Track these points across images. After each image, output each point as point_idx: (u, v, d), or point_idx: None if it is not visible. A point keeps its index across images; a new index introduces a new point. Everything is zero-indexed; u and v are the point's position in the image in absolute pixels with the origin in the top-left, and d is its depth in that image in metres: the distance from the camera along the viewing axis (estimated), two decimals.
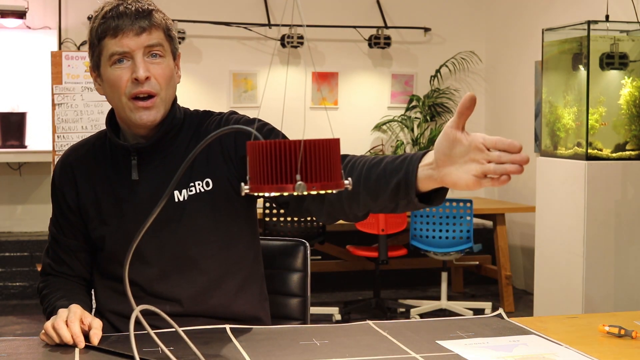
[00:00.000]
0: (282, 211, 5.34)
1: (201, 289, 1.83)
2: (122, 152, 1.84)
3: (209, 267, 1.83)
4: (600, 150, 4.57)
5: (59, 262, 1.93)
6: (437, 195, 1.50)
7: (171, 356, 1.44)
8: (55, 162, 1.97)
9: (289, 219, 5.42)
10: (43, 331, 1.66)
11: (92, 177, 1.87)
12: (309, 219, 5.38)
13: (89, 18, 1.88)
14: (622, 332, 1.70)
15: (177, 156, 1.82)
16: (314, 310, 5.43)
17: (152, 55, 1.77)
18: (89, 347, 1.61)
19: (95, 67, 1.81)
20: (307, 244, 2.15)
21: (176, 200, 1.80)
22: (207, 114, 1.91)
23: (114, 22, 1.74)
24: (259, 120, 1.43)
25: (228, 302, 1.85)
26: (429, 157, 1.46)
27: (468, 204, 5.38)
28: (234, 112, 1.89)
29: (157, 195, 1.79)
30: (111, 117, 1.88)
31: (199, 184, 1.81)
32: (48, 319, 1.72)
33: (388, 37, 6.91)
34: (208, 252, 1.82)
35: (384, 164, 1.54)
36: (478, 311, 5.61)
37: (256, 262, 1.93)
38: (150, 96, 1.76)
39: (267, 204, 5.32)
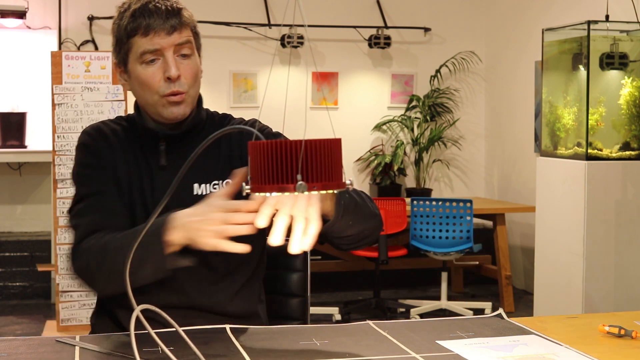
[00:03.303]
0: None
1: (207, 284, 1.84)
2: (148, 138, 1.85)
3: (217, 264, 1.83)
4: (600, 150, 4.57)
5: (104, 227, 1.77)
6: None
7: (171, 356, 1.44)
8: (80, 137, 1.91)
9: None
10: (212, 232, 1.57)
11: (124, 154, 1.85)
12: None
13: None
14: (622, 332, 1.69)
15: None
16: (314, 310, 5.43)
17: (181, 55, 1.80)
18: (88, 347, 1.61)
19: (122, 63, 1.84)
20: None
21: (195, 193, 1.82)
22: (226, 116, 1.95)
23: (144, 20, 1.77)
24: (280, 133, 1.45)
25: (228, 300, 1.86)
26: None
27: (468, 204, 5.38)
28: (257, 121, 1.86)
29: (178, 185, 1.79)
30: (136, 105, 1.90)
31: (221, 183, 1.83)
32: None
33: (388, 37, 6.91)
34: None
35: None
36: (478, 311, 5.61)
37: (260, 265, 1.95)
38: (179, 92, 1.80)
39: None
